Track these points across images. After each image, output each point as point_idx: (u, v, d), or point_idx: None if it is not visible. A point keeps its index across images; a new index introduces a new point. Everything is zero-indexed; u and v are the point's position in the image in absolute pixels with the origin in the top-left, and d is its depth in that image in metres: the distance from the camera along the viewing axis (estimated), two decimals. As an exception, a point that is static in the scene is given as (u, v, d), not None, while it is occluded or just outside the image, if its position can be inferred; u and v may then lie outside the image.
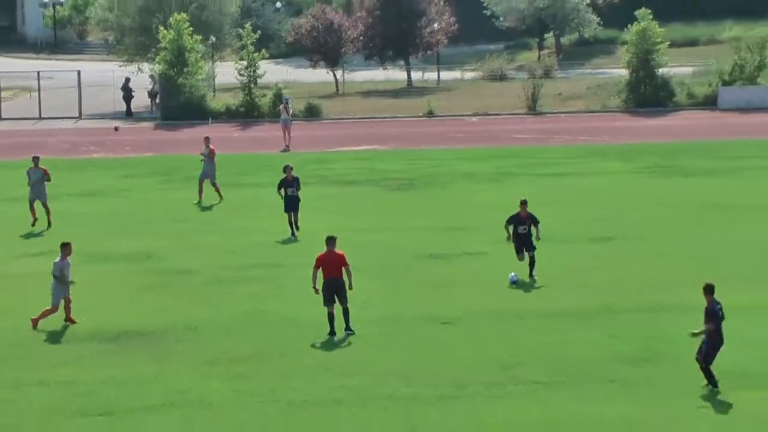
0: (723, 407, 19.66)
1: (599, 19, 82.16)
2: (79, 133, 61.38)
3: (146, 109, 67.40)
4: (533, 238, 27.20)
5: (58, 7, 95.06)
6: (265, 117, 61.32)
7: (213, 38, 66.28)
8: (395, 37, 74.54)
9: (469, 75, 76.91)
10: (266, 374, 21.74)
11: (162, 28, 60.71)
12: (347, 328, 22.53)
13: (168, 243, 33.45)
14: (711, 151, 49.51)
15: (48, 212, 34.54)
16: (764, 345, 22.59)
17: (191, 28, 60.74)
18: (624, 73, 65.52)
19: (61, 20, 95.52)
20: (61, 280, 23.44)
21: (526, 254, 27.13)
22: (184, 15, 60.67)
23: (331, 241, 22.60)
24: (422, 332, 24.01)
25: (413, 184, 43.30)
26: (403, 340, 23.63)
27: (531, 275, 26.94)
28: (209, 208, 38.97)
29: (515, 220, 27.06)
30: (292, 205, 31.78)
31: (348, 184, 44.05)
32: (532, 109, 62.79)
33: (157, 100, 65.13)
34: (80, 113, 63.58)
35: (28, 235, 34.84)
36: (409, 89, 73.50)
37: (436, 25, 74.14)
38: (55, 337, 24.82)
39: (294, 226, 31.62)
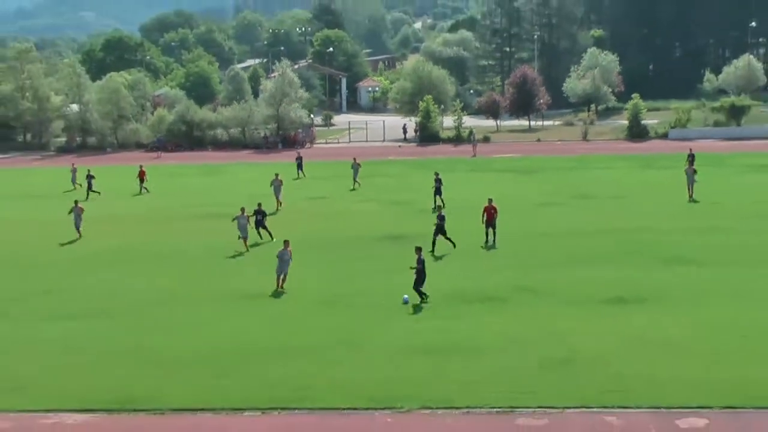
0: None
1: (615, 98, 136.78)
2: (383, 147, 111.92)
3: (412, 137, 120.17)
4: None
5: (375, 93, 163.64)
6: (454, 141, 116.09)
7: (442, 105, 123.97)
8: (524, 104, 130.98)
9: (557, 122, 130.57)
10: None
11: (421, 102, 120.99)
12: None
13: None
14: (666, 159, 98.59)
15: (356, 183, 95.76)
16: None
17: (434, 103, 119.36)
18: (625, 122, 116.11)
19: (377, 98, 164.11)
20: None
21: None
22: (429, 97, 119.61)
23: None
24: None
25: (533, 171, 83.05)
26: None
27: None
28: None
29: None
30: None
31: (496, 171, 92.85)
32: (585, 138, 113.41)
33: (416, 133, 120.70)
34: (384, 138, 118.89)
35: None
36: (528, 130, 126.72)
37: (541, 100, 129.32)
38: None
39: None
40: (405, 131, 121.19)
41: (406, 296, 36.45)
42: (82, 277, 43.65)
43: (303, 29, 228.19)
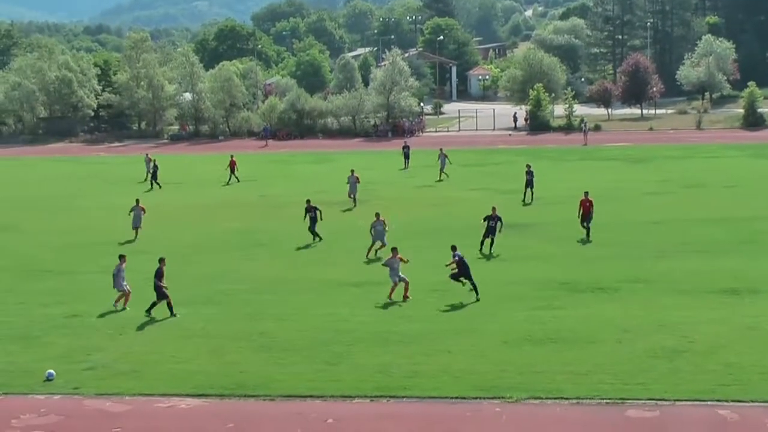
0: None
1: (730, 86, 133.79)
2: (493, 136, 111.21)
3: (522, 126, 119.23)
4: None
5: (485, 81, 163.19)
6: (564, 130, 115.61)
7: (553, 94, 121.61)
8: (636, 92, 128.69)
9: (670, 111, 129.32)
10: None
11: (532, 91, 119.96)
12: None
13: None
14: None
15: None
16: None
17: (544, 91, 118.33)
18: (741, 110, 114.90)
19: (487, 87, 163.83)
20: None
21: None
22: (540, 86, 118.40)
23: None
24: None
25: (645, 160, 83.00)
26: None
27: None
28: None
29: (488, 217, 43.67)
30: None
31: (606, 160, 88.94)
32: (699, 127, 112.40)
33: (526, 122, 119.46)
34: (494, 127, 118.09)
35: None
36: (640, 118, 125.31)
37: (654, 88, 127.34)
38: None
39: None
40: (515, 120, 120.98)
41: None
42: (197, 264, 44.19)
43: (413, 17, 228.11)
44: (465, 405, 25.64)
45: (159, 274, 35.40)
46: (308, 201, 48.95)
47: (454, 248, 37.00)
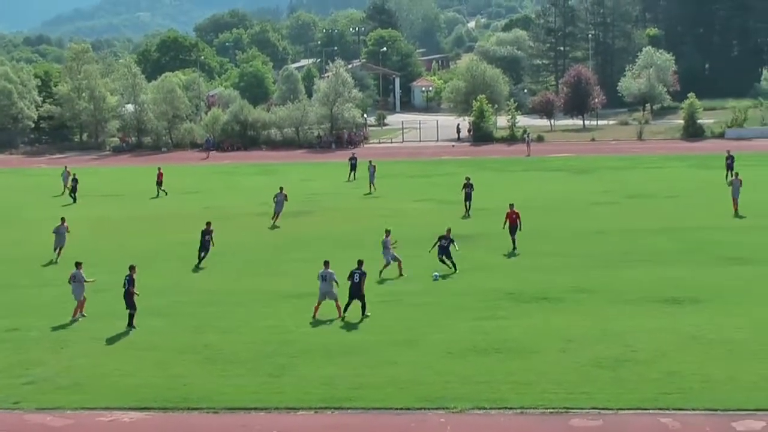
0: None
1: (671, 97, 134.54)
2: (437, 147, 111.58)
3: (466, 137, 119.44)
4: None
5: (428, 92, 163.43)
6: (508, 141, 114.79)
7: (496, 105, 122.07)
8: (578, 104, 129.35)
9: (611, 122, 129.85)
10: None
11: (475, 102, 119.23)
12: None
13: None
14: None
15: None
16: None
17: (487, 103, 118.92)
18: (681, 121, 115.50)
19: (431, 98, 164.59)
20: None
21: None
22: (483, 97, 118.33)
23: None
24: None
25: (588, 170, 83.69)
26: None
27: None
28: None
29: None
30: None
31: (550, 170, 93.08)
32: (640, 138, 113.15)
33: (469, 133, 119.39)
34: (438, 138, 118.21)
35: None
36: (583, 129, 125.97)
37: (596, 99, 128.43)
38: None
39: None
40: (459, 131, 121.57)
41: (436, 273, 39.19)
42: (141, 276, 43.68)
43: (357, 29, 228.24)
44: (410, 416, 25.61)
45: (131, 282, 35.16)
46: (208, 223, 47.15)
47: (360, 263, 36.14)
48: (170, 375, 29.36)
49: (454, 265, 42.64)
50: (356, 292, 34.96)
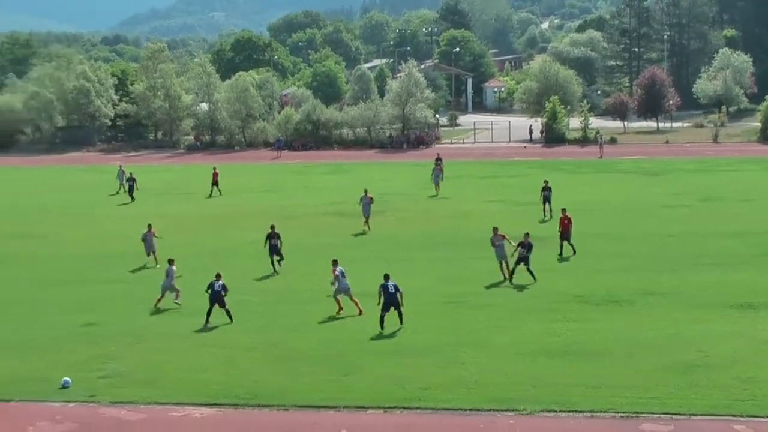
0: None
1: (747, 99, 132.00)
2: (508, 148, 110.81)
3: (538, 138, 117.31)
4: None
5: (500, 93, 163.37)
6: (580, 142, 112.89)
7: (568, 106, 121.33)
8: (652, 106, 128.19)
9: (686, 124, 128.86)
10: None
11: (548, 103, 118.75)
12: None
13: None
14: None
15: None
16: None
17: (560, 104, 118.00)
18: (758, 124, 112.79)
19: (503, 99, 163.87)
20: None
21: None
22: (555, 98, 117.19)
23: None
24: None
25: (661, 173, 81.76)
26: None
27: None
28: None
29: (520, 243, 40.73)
30: None
31: (622, 172, 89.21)
32: (715, 140, 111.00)
33: (542, 134, 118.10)
34: (509, 139, 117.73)
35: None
36: (656, 131, 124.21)
37: (671, 101, 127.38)
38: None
39: None
40: (531, 132, 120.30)
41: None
42: (212, 273, 44.02)
43: (429, 29, 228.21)
44: (479, 417, 25.61)
45: (224, 288, 35.70)
46: (272, 226, 45.75)
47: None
48: (240, 372, 29.63)
49: (532, 275, 41.45)
50: (392, 301, 34.05)
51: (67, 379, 28.61)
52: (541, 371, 28.75)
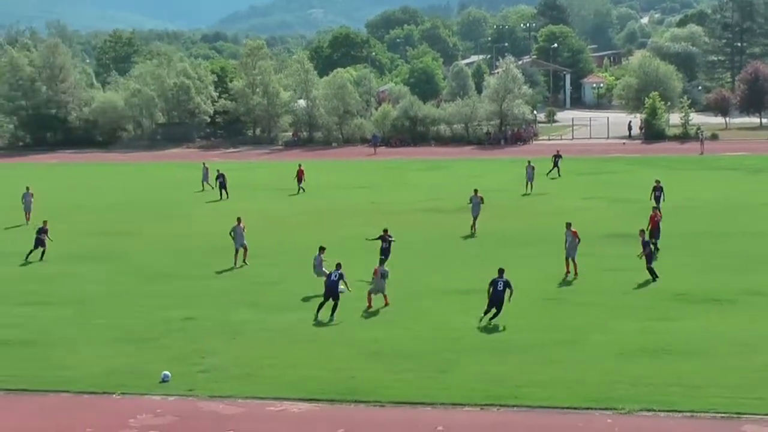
0: None
1: None
2: (607, 145, 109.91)
3: (637, 134, 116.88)
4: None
5: (599, 89, 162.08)
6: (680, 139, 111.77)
7: (668, 102, 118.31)
8: (756, 101, 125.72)
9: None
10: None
11: (647, 99, 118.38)
12: None
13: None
14: None
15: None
16: None
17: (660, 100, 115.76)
18: None
19: (602, 95, 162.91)
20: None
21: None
22: (655, 94, 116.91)
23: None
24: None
25: (763, 170, 79.65)
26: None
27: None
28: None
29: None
30: None
31: (724, 169, 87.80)
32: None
33: (641, 130, 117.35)
34: (608, 135, 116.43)
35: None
36: (759, 127, 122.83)
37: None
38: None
39: None
40: (630, 128, 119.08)
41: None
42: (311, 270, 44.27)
43: (527, 25, 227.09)
44: (576, 415, 25.42)
45: (341, 277, 35.98)
46: (385, 230, 44.37)
47: (501, 271, 34.69)
48: (337, 368, 29.76)
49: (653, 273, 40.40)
50: (496, 300, 34.08)
51: (167, 373, 28.96)
52: (639, 370, 28.43)
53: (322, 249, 39.81)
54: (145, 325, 35.58)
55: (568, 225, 42.62)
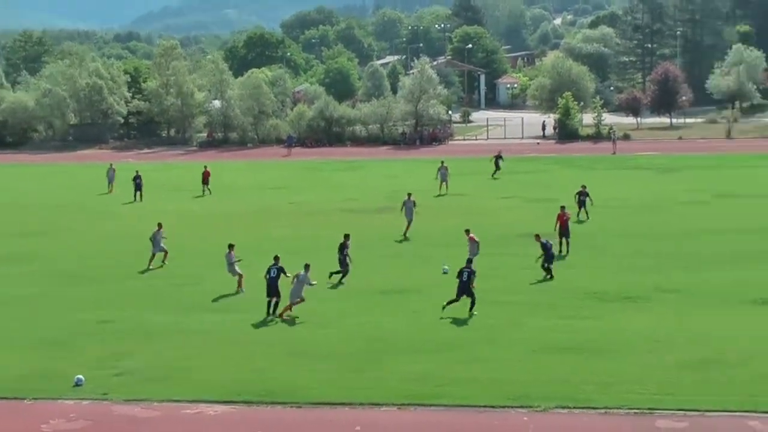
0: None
1: (761, 95, 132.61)
2: (522, 145, 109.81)
3: (551, 134, 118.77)
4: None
5: (513, 89, 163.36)
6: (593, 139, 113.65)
7: (581, 102, 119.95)
8: (666, 102, 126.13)
9: (699, 120, 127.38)
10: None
11: (561, 99, 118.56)
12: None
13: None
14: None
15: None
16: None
17: (573, 100, 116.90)
18: None
19: (516, 95, 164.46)
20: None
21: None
22: (568, 94, 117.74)
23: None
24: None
25: (675, 169, 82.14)
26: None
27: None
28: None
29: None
30: None
31: (636, 169, 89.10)
32: (729, 136, 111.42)
33: (555, 130, 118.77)
34: (522, 135, 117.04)
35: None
36: (670, 127, 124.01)
37: (684, 97, 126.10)
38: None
39: None
40: (544, 128, 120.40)
41: (445, 267, 38.81)
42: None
43: (442, 26, 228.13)
44: (493, 414, 25.58)
45: (281, 270, 36.14)
46: (346, 236, 42.76)
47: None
48: (256, 369, 29.62)
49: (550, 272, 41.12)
50: (465, 289, 34.93)
51: (80, 377, 28.59)
52: (555, 368, 28.70)
53: (231, 246, 39.82)
54: (59, 328, 35.04)
55: (467, 231, 43.44)
